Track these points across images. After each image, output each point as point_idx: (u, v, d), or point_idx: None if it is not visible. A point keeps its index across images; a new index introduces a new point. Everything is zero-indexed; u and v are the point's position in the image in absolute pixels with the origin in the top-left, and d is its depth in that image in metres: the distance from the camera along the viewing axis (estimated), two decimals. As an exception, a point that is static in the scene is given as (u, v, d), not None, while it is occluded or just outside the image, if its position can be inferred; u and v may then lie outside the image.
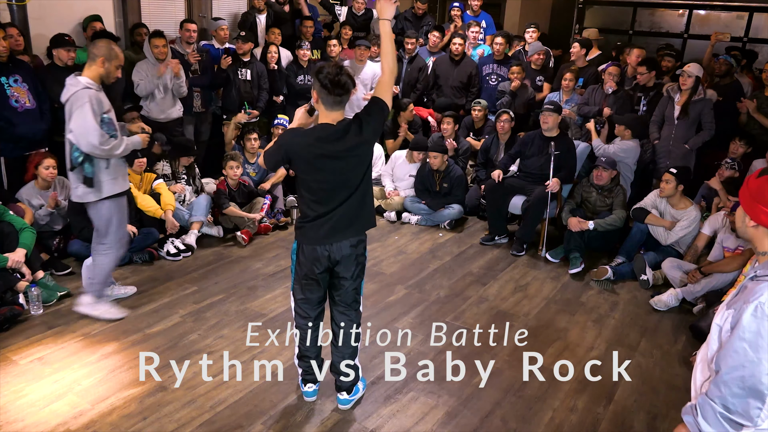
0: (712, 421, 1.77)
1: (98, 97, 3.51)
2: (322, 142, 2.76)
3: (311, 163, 2.78)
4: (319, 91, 2.77)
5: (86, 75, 3.54)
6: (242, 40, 6.09)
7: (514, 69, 6.34)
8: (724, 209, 4.56)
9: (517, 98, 6.40)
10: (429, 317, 4.14)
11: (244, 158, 5.78)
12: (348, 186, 2.83)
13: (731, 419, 1.74)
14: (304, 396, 3.19)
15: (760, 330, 1.66)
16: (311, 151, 2.76)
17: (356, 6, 7.79)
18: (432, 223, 5.85)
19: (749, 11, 8.57)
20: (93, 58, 3.55)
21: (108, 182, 3.65)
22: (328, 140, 2.76)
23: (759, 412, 1.70)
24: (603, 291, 4.67)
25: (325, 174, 2.79)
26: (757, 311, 1.67)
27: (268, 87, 6.36)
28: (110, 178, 3.65)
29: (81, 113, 3.42)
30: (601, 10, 9.97)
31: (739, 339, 1.69)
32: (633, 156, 5.52)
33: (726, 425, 1.75)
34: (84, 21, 5.64)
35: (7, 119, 4.63)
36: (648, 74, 5.79)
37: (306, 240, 2.86)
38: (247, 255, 5.03)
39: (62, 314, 3.94)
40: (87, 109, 3.42)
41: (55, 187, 4.77)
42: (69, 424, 2.94)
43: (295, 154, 2.80)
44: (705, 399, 1.80)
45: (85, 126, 3.43)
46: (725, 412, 1.74)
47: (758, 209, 1.77)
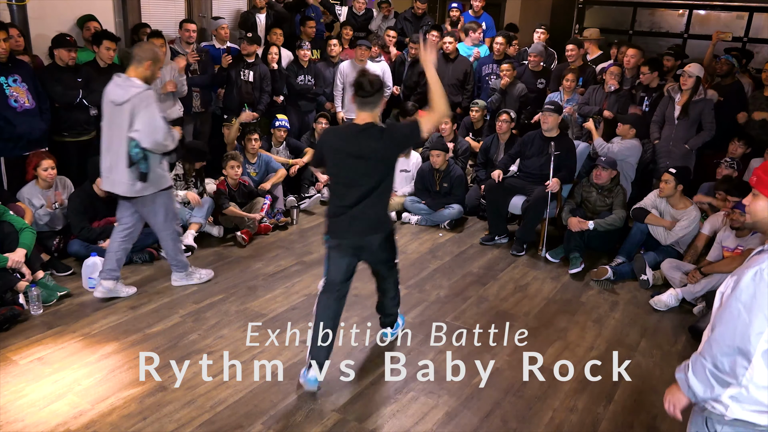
0: (701, 377, 1.87)
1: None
2: (344, 140, 3.08)
3: (333, 158, 3.12)
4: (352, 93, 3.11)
5: (133, 76, 3.74)
6: (248, 42, 6.09)
7: (504, 66, 6.34)
8: (724, 209, 4.56)
9: (507, 96, 6.39)
10: (429, 317, 4.14)
11: (244, 158, 5.78)
12: (362, 185, 3.07)
13: (719, 377, 1.83)
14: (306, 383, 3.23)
15: (756, 293, 1.75)
16: (335, 147, 3.11)
17: (357, 6, 7.79)
18: (432, 223, 5.85)
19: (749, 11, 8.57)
20: (140, 60, 3.75)
21: (162, 176, 3.98)
22: (349, 138, 3.07)
23: (744, 371, 1.79)
24: (603, 291, 4.67)
25: (342, 170, 3.11)
26: (756, 276, 1.76)
27: (270, 89, 6.36)
28: (163, 171, 3.99)
29: (149, 113, 3.67)
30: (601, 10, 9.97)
31: (735, 300, 1.79)
32: (636, 155, 5.51)
33: (713, 382, 1.84)
34: (78, 21, 5.63)
35: (6, 119, 4.63)
36: (651, 74, 5.79)
37: (331, 233, 3.22)
38: (247, 255, 5.03)
39: (62, 314, 3.95)
40: (155, 109, 3.68)
41: (56, 186, 4.78)
42: (69, 424, 2.94)
43: (326, 149, 3.15)
44: (697, 357, 1.90)
45: (155, 125, 3.69)
46: (714, 369, 1.83)
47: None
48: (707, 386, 1.86)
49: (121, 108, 3.69)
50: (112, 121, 3.79)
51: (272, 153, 6.20)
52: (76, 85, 5.01)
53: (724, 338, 1.81)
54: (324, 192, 6.42)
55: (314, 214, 6.08)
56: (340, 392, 3.27)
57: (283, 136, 6.25)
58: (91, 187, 4.61)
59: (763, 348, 1.78)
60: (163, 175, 3.99)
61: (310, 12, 7.38)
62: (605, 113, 5.79)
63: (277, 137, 6.24)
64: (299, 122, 6.78)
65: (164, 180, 4.01)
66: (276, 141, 6.26)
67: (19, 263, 4.02)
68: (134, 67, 3.77)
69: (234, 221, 5.37)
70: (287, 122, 6.25)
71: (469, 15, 7.79)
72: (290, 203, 5.93)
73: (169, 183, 4.07)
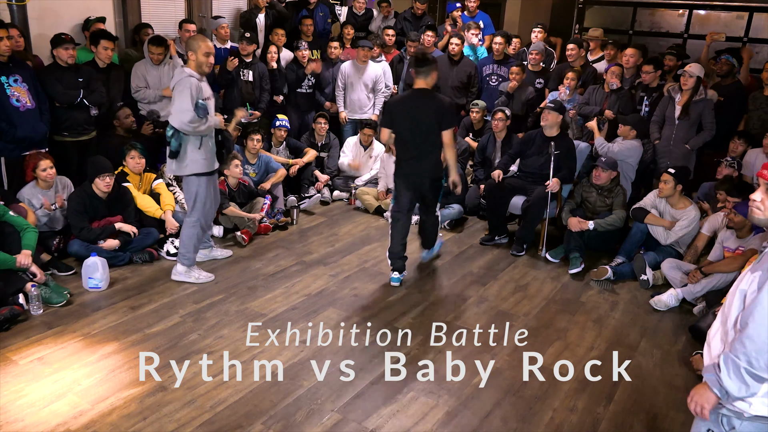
0: (735, 375, 1.83)
1: (199, 85, 4.06)
2: (406, 101, 4.42)
3: (396, 114, 4.36)
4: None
5: (189, 67, 4.09)
6: (247, 42, 6.08)
7: (514, 69, 6.33)
8: (724, 209, 4.56)
9: (515, 99, 6.38)
10: (429, 317, 4.14)
11: (244, 158, 5.78)
12: (418, 140, 4.30)
13: (755, 374, 1.79)
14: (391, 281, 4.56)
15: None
16: (398, 106, 4.41)
17: (357, 6, 7.79)
18: None
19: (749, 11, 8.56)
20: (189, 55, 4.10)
21: (198, 161, 4.18)
22: (408, 100, 4.41)
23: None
24: (603, 291, 4.67)
25: (404, 128, 4.33)
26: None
27: (269, 88, 6.36)
28: (201, 157, 4.19)
29: (180, 97, 3.99)
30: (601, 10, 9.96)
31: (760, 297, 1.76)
32: (636, 156, 5.51)
33: (749, 379, 1.81)
34: (88, 23, 5.64)
35: (9, 119, 4.63)
36: (654, 74, 5.79)
37: (398, 176, 4.51)
38: (247, 255, 5.03)
39: (62, 314, 3.94)
40: (186, 95, 3.97)
41: (57, 188, 4.78)
42: (69, 424, 2.94)
43: (394, 112, 4.40)
44: (728, 356, 1.85)
45: (182, 107, 3.98)
46: (749, 367, 1.80)
47: None
48: (742, 384, 1.82)
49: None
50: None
51: (272, 153, 6.20)
52: (76, 85, 5.01)
53: (759, 334, 1.77)
54: (324, 192, 6.42)
55: (314, 214, 6.08)
56: (340, 392, 3.27)
57: (283, 136, 6.25)
58: (90, 188, 4.60)
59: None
60: (197, 160, 4.17)
61: (318, 11, 7.38)
62: (606, 113, 5.78)
63: (277, 137, 6.24)
64: (299, 122, 6.78)
65: (197, 165, 4.19)
66: (276, 141, 6.27)
67: (28, 264, 4.03)
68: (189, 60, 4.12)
69: (234, 221, 5.37)
70: (287, 122, 6.25)
71: (465, 16, 7.78)
72: (290, 203, 5.93)
73: (204, 169, 4.23)
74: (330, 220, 5.94)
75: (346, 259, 5.02)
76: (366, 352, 3.67)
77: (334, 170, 6.65)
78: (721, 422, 1.93)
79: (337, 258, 5.04)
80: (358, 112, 6.88)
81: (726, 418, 1.91)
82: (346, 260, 5.00)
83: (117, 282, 4.40)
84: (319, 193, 6.33)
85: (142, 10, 6.21)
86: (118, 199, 4.74)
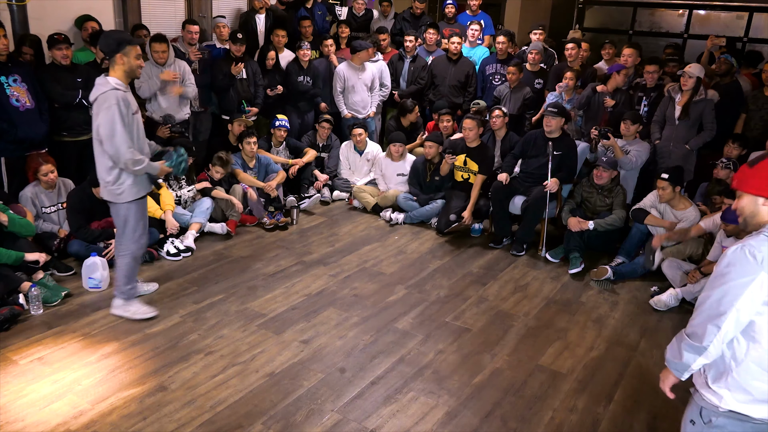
0: (676, 343, 2.00)
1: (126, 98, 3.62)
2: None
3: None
4: None
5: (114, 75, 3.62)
6: (239, 43, 6.07)
7: (511, 69, 6.32)
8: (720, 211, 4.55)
9: (512, 99, 6.35)
10: (429, 317, 4.14)
11: (242, 161, 5.78)
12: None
13: (691, 344, 1.92)
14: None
15: (734, 261, 1.86)
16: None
17: (356, 7, 7.78)
18: (416, 220, 5.84)
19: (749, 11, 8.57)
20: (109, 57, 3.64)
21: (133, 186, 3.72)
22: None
23: (712, 338, 1.87)
24: (603, 291, 4.68)
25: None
26: (738, 249, 1.88)
27: (263, 83, 6.36)
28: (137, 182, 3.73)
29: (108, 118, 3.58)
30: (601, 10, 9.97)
31: (715, 270, 1.92)
32: (647, 155, 5.50)
33: (684, 347, 1.94)
34: (76, 21, 5.62)
35: (9, 119, 4.62)
36: (657, 73, 5.79)
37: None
38: (247, 255, 5.03)
39: (62, 314, 3.94)
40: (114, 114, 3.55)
41: (60, 192, 4.79)
42: (69, 424, 2.94)
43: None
44: (680, 333, 2.00)
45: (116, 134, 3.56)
46: (687, 338, 1.93)
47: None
48: (676, 352, 1.97)
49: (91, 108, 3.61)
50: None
51: (272, 153, 6.20)
52: (75, 85, 5.01)
53: (700, 305, 1.93)
54: (324, 192, 6.42)
55: (314, 214, 6.08)
56: (340, 392, 3.27)
57: (283, 136, 6.24)
58: (90, 189, 4.60)
59: (743, 325, 1.87)
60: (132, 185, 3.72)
61: (316, 10, 7.38)
62: (607, 101, 5.76)
63: (277, 137, 6.24)
64: (299, 122, 6.77)
65: (133, 191, 3.74)
66: (276, 141, 6.26)
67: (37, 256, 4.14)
68: (111, 67, 3.61)
69: (221, 205, 5.42)
70: (287, 122, 6.25)
71: (466, 14, 7.78)
72: (290, 203, 5.93)
73: (138, 195, 3.78)
74: (330, 220, 5.94)
75: (346, 259, 5.02)
76: (366, 352, 3.67)
77: (333, 170, 6.65)
78: (701, 415, 2.01)
79: (337, 258, 5.04)
80: (362, 113, 6.88)
81: (705, 411, 1.99)
82: (346, 260, 5.00)
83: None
84: (318, 193, 6.33)
85: (142, 10, 6.21)
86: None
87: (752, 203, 1.93)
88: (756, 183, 1.91)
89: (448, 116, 6.33)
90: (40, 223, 4.63)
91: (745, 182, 1.94)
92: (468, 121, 5.63)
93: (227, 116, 6.19)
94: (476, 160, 5.62)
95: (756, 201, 1.91)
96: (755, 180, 1.91)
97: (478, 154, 5.63)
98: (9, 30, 5.00)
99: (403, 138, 6.29)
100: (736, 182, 1.98)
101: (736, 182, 1.98)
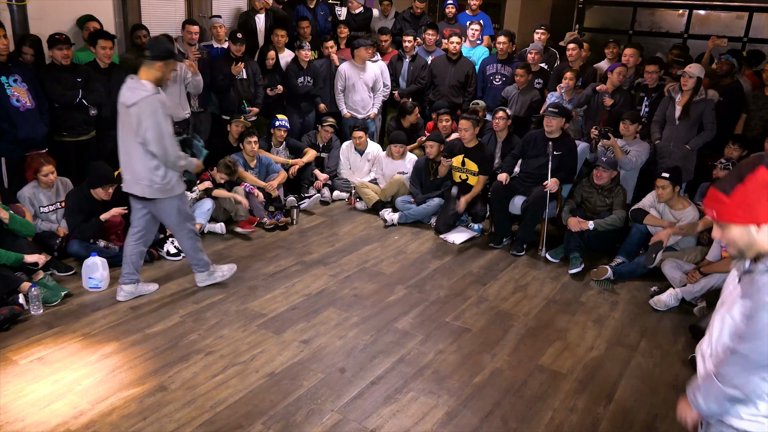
0: (716, 398, 1.82)
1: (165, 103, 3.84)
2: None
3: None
4: None
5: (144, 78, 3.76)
6: (239, 42, 6.07)
7: (519, 71, 6.29)
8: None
9: (519, 101, 6.33)
10: (429, 317, 4.14)
11: (244, 161, 5.77)
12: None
13: (732, 396, 1.79)
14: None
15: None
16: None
17: (352, 6, 7.77)
18: (411, 219, 5.84)
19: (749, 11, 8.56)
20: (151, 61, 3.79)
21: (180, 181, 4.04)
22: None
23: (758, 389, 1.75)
24: (603, 291, 4.67)
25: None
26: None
27: (263, 83, 6.36)
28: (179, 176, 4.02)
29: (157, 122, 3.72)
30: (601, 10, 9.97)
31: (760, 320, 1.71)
32: (645, 156, 5.50)
33: (728, 405, 1.81)
34: (78, 21, 5.63)
35: (9, 119, 4.62)
36: (659, 73, 5.78)
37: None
38: (247, 255, 5.03)
39: (62, 314, 3.95)
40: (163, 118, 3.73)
41: (58, 188, 4.78)
42: (69, 424, 2.94)
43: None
44: (710, 377, 1.84)
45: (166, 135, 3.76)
46: (723, 387, 1.79)
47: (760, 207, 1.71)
48: (721, 408, 1.83)
49: (128, 111, 3.70)
50: (123, 123, 3.79)
51: (272, 153, 6.20)
52: (75, 85, 5.01)
53: (741, 354, 1.75)
54: (324, 192, 6.42)
55: (314, 214, 6.08)
56: (340, 392, 3.27)
57: (283, 136, 6.25)
58: (88, 190, 4.59)
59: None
60: (180, 180, 4.03)
61: (319, 10, 7.38)
62: (605, 100, 5.76)
63: (277, 137, 6.24)
64: (299, 122, 6.77)
65: (181, 184, 4.05)
66: (276, 141, 6.26)
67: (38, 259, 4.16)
68: (145, 69, 3.77)
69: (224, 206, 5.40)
70: (287, 122, 6.25)
71: (466, 14, 7.78)
72: (290, 203, 5.93)
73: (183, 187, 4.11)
74: (330, 220, 5.94)
75: (346, 259, 5.02)
76: (366, 352, 3.67)
77: (333, 170, 6.65)
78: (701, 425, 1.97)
79: (337, 258, 5.04)
80: (361, 113, 6.88)
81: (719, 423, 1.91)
82: (346, 260, 5.00)
83: (117, 282, 4.39)
84: (318, 193, 6.33)
85: (142, 10, 6.20)
86: (117, 200, 4.72)
87: (745, 234, 1.74)
88: (742, 213, 1.71)
89: (447, 116, 6.33)
90: (38, 223, 4.63)
91: (729, 213, 1.74)
92: (463, 122, 5.62)
93: (227, 116, 6.19)
94: (475, 160, 5.62)
95: (748, 230, 1.73)
96: (740, 209, 1.71)
97: (476, 154, 5.63)
98: (9, 30, 4.99)
99: (404, 138, 6.30)
100: (717, 214, 1.77)
101: (717, 214, 1.77)
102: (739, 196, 1.71)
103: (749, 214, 1.71)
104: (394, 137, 6.28)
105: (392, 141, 6.28)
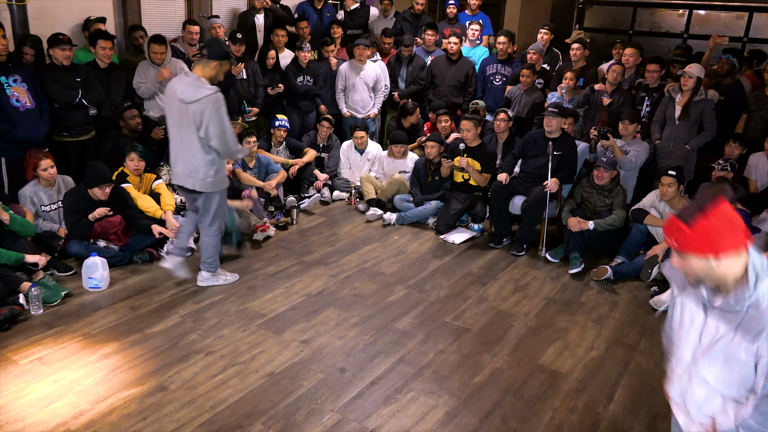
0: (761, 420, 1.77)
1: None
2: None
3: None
4: None
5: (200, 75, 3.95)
6: (239, 43, 6.07)
7: (525, 72, 6.27)
8: None
9: (522, 101, 6.32)
10: (429, 317, 4.14)
11: (243, 161, 5.77)
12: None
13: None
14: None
15: None
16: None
17: (346, 3, 7.76)
18: (408, 221, 5.84)
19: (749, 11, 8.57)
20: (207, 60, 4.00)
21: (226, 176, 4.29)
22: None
23: None
24: (603, 291, 4.67)
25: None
26: None
27: (263, 83, 6.36)
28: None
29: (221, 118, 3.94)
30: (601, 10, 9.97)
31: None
32: (646, 154, 5.50)
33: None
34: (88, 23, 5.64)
35: (9, 119, 4.62)
36: (660, 73, 5.78)
37: None
38: (247, 255, 5.03)
39: (62, 314, 3.95)
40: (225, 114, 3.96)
41: (59, 186, 4.78)
42: (69, 424, 2.94)
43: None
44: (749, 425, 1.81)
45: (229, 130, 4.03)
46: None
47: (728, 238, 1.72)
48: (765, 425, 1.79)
49: (188, 107, 3.85)
50: (180, 118, 3.94)
51: (272, 153, 6.20)
52: (74, 85, 5.01)
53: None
54: (324, 192, 6.42)
55: (314, 214, 6.08)
56: (340, 392, 3.27)
57: (283, 136, 6.25)
58: (86, 190, 4.59)
59: None
60: (226, 175, 4.27)
61: (325, 12, 7.38)
62: (604, 99, 5.76)
63: (277, 137, 6.24)
64: (299, 122, 6.77)
65: (227, 179, 4.30)
66: (276, 141, 6.27)
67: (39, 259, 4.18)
68: (201, 67, 3.97)
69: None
70: (287, 122, 6.25)
71: (466, 14, 7.78)
72: (290, 203, 5.93)
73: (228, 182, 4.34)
74: (330, 220, 5.94)
75: (346, 259, 5.02)
76: (366, 352, 3.67)
77: (333, 170, 6.65)
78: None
79: (337, 258, 5.04)
80: (361, 113, 6.89)
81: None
82: (346, 260, 5.00)
83: (117, 282, 4.40)
84: (318, 193, 6.33)
85: (142, 11, 6.21)
86: (115, 200, 4.72)
87: (704, 265, 1.79)
88: (702, 244, 1.75)
89: (446, 116, 6.33)
90: (39, 222, 4.63)
91: (689, 244, 1.78)
92: (465, 122, 5.62)
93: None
94: (478, 159, 5.62)
95: (708, 262, 1.77)
96: (700, 241, 1.74)
97: (479, 152, 5.63)
98: (9, 30, 5.00)
99: (405, 138, 6.30)
100: (678, 245, 1.82)
101: (678, 245, 1.82)
102: (699, 228, 1.73)
103: (709, 246, 1.73)
104: (395, 137, 6.28)
105: (393, 141, 6.28)
